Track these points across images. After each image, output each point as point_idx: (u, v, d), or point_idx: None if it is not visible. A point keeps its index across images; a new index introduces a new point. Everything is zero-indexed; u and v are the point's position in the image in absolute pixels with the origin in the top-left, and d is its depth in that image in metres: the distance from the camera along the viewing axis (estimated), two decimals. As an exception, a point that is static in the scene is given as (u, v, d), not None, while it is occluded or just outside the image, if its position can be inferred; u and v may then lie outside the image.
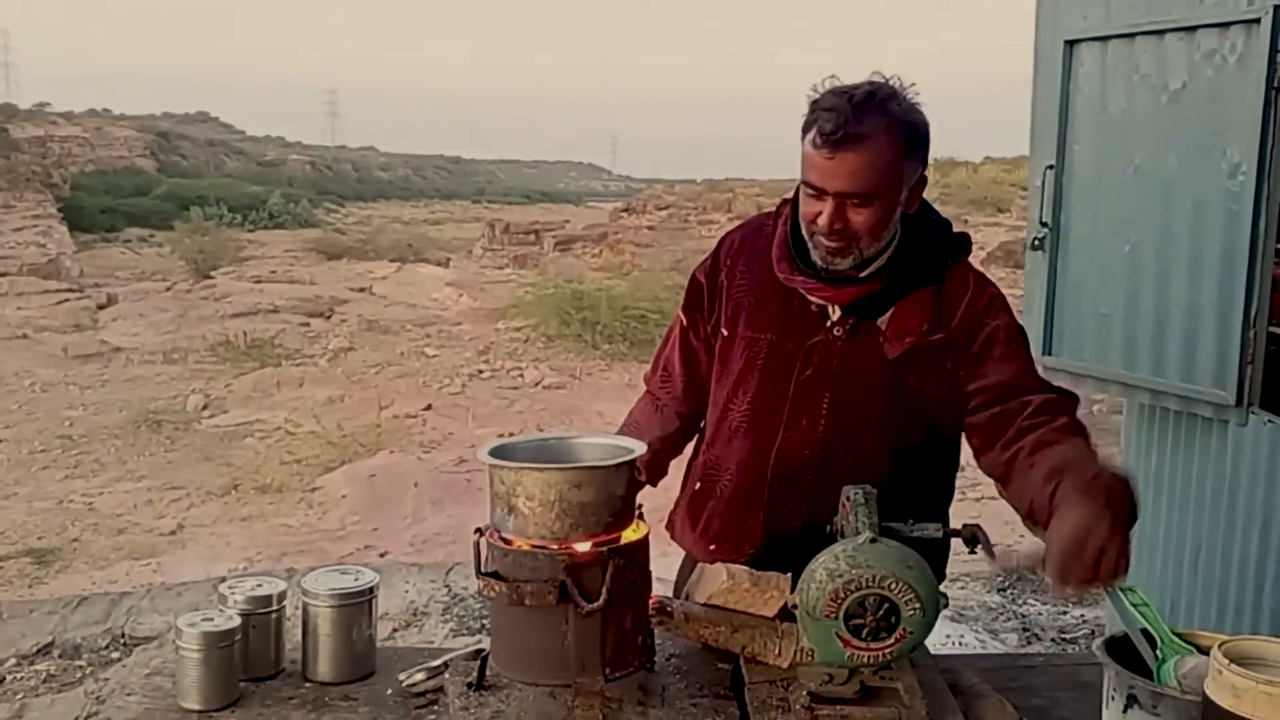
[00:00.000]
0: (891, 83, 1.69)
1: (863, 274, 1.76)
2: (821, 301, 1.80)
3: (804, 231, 1.76)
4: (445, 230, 34.08)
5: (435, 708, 1.58)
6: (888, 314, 1.78)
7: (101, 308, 17.42)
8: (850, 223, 1.68)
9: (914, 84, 1.71)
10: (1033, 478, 1.62)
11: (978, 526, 1.61)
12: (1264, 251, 2.99)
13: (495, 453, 1.55)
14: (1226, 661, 1.28)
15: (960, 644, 3.65)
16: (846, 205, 1.67)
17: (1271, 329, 3.09)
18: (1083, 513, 1.50)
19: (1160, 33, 3.18)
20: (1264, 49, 2.88)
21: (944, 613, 1.58)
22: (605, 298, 15.32)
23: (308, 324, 16.12)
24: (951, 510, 1.95)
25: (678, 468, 2.10)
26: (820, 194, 1.68)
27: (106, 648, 4.28)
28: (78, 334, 15.25)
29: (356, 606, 1.65)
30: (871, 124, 1.63)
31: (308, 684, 1.65)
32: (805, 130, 1.69)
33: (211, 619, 1.58)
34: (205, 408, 11.40)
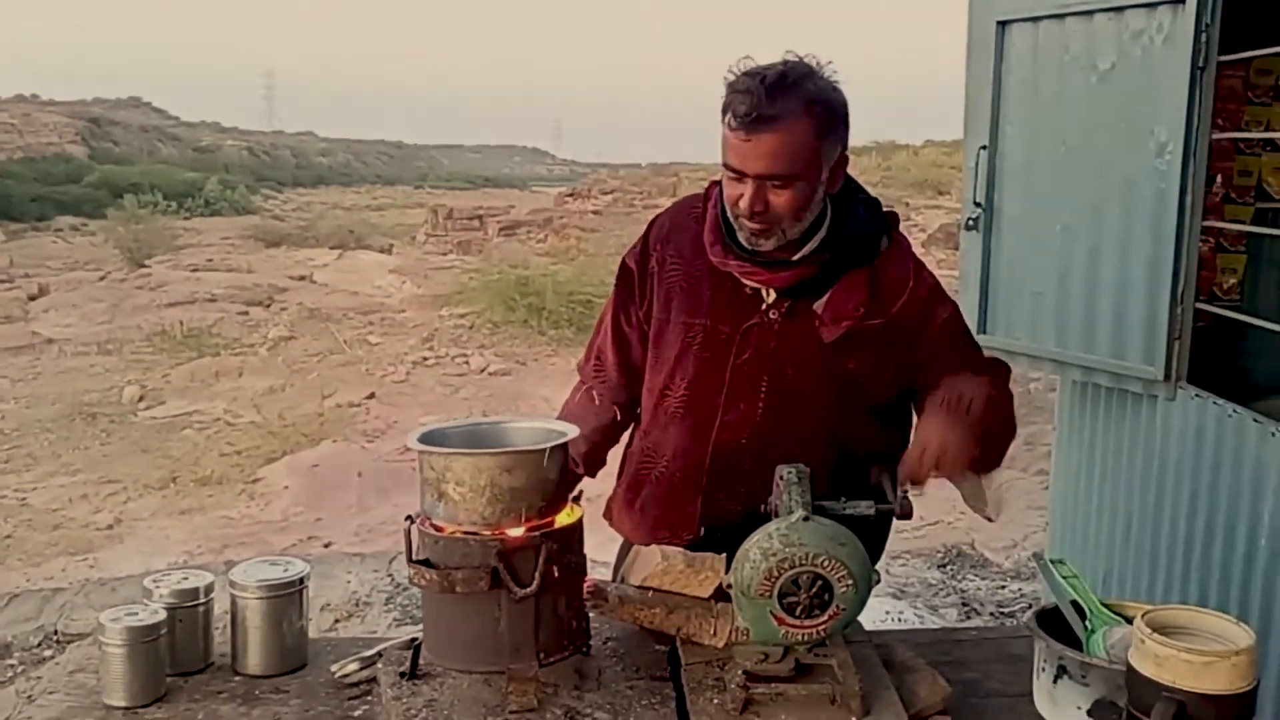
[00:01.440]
0: (807, 61, 1.69)
1: (796, 256, 1.76)
2: (757, 285, 1.80)
3: (729, 214, 1.76)
4: (388, 216, 33.65)
5: (369, 698, 1.56)
6: (824, 297, 1.78)
7: (32, 298, 16.98)
8: (771, 204, 1.68)
9: (830, 62, 1.71)
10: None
11: (908, 501, 1.63)
12: (1190, 229, 3.04)
13: (425, 439, 1.53)
14: (1149, 631, 1.31)
15: (900, 620, 3.69)
16: (767, 187, 1.67)
17: (1199, 305, 3.15)
18: (929, 424, 1.71)
19: (1090, 13, 3.21)
20: (1189, 28, 2.93)
21: (884, 589, 1.61)
22: (551, 283, 15.24)
23: (246, 313, 15.85)
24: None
25: (615, 455, 2.09)
26: (740, 176, 1.68)
27: (39, 645, 4.19)
28: (8, 325, 14.87)
29: (286, 598, 1.63)
30: (786, 104, 1.63)
31: (237, 677, 1.63)
32: (723, 112, 1.68)
33: (136, 613, 1.55)
34: (141, 399, 11.18)
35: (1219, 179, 3.66)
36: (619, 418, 2.05)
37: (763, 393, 1.80)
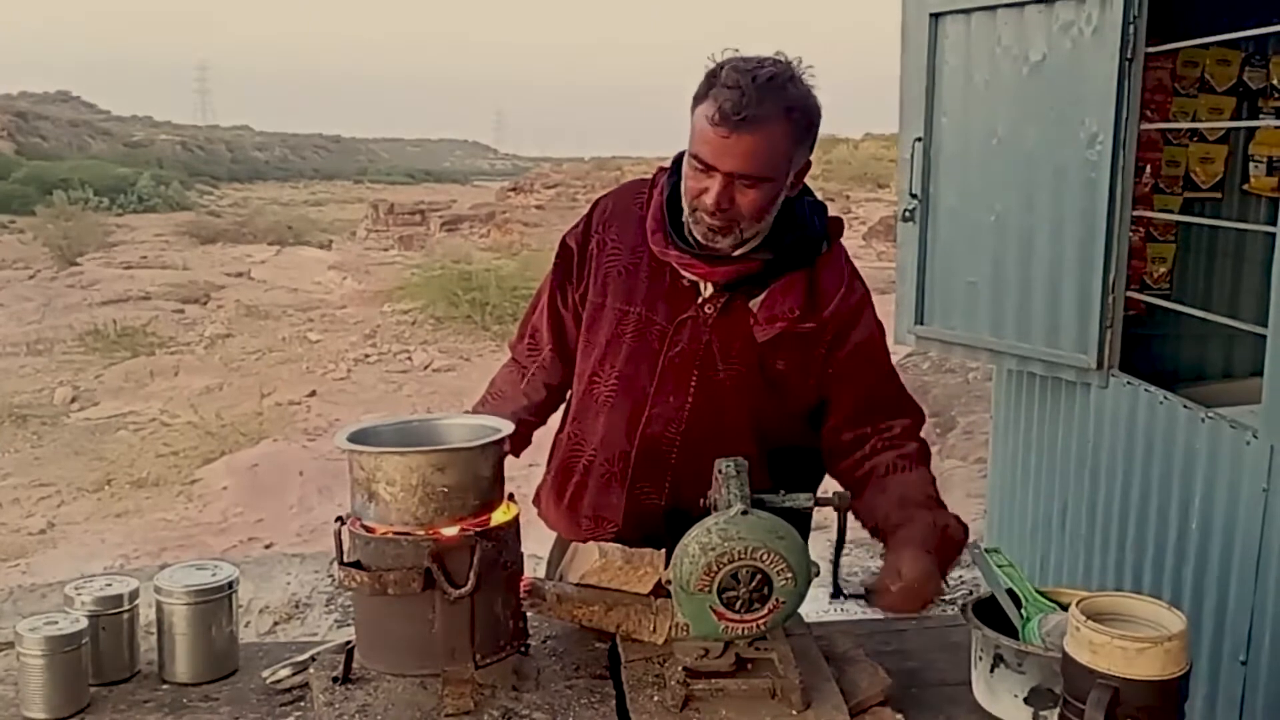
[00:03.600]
0: (792, 64, 1.66)
1: (737, 252, 1.74)
2: (695, 278, 1.78)
3: (686, 205, 1.72)
4: (327, 211, 33.22)
5: (301, 704, 1.52)
6: (761, 296, 1.76)
7: (-42, 298, 16.52)
8: (737, 203, 1.65)
9: (811, 66, 1.69)
10: (883, 502, 1.75)
11: (846, 493, 1.63)
12: (1121, 219, 3.10)
13: (355, 437, 1.50)
14: (1084, 618, 1.32)
15: (842, 610, 3.70)
16: (735, 185, 1.64)
17: (1129, 294, 3.21)
18: (919, 566, 1.64)
19: (1020, 5, 3.25)
20: (1117, 20, 2.97)
21: (827, 580, 1.62)
22: (494, 278, 15.17)
23: (182, 310, 15.56)
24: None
25: (542, 445, 2.06)
26: (710, 170, 1.64)
27: (-35, 656, 4.07)
28: (-67, 326, 14.44)
29: (215, 603, 1.58)
30: (772, 106, 1.60)
31: (165, 685, 1.58)
32: (699, 101, 1.64)
33: (55, 622, 1.49)
34: (74, 400, 10.93)
35: (1148, 169, 3.74)
36: (548, 397, 2.01)
37: (692, 386, 1.79)
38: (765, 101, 1.59)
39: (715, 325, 1.77)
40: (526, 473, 2.08)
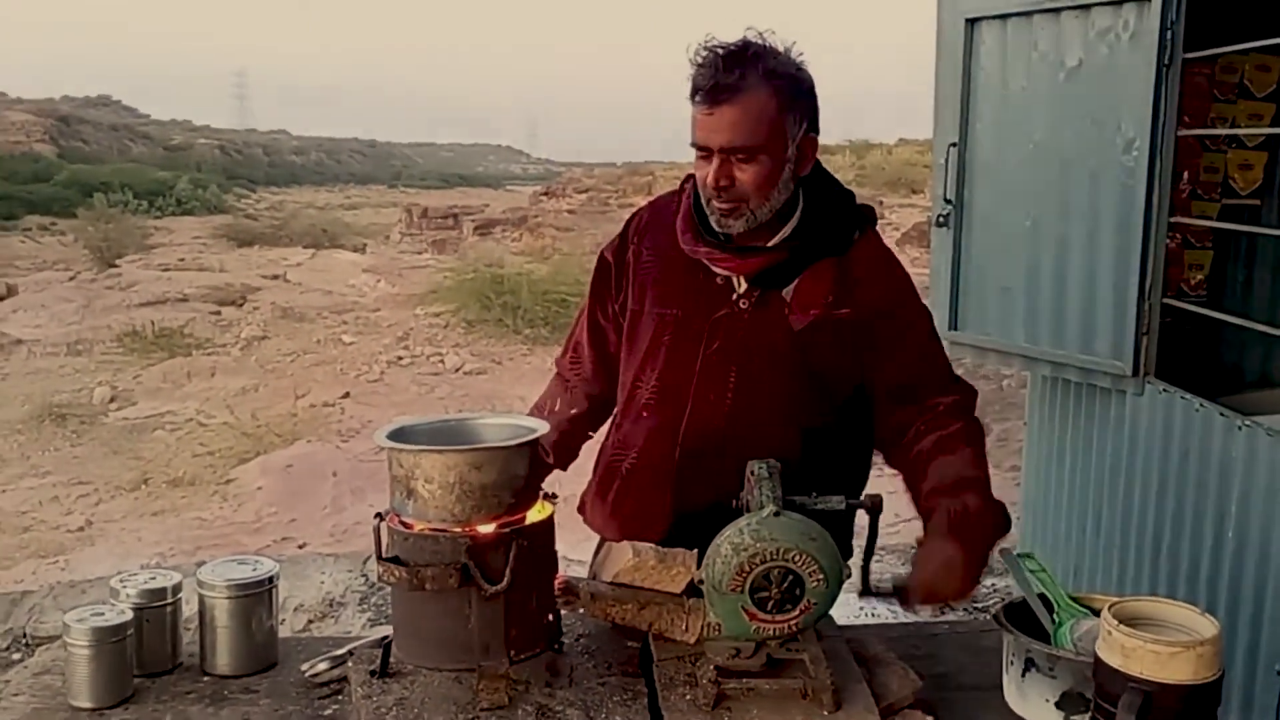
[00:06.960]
0: (767, 37, 1.69)
1: (769, 244, 1.76)
2: (726, 273, 1.79)
3: (701, 199, 1.75)
4: (361, 215, 33.46)
5: (339, 698, 1.55)
6: (792, 285, 1.77)
7: (1, 299, 16.80)
8: (736, 180, 1.68)
9: (795, 43, 1.72)
10: (920, 490, 1.77)
11: (878, 496, 1.64)
12: (1157, 224, 3.08)
13: (394, 435, 1.53)
14: (1116, 622, 1.32)
15: (873, 615, 3.70)
16: (732, 162, 1.67)
17: (1165, 301, 3.18)
18: (937, 559, 1.67)
19: (1057, 10, 3.24)
20: (1155, 26, 2.96)
21: (857, 584, 1.63)
22: (526, 282, 15.19)
23: (219, 312, 15.71)
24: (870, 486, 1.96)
25: (590, 452, 2.09)
26: (707, 154, 1.69)
27: (7, 649, 4.15)
28: (-24, 326, 14.67)
29: (255, 597, 1.61)
30: (745, 75, 1.64)
31: (206, 677, 1.62)
32: (691, 94, 1.69)
33: (102, 614, 1.53)
34: (113, 400, 11.07)
35: (1185, 175, 3.70)
36: (591, 409, 2.04)
37: (731, 383, 1.80)
38: (738, 71, 1.63)
39: (751, 320, 1.78)
40: (568, 476, 2.09)
